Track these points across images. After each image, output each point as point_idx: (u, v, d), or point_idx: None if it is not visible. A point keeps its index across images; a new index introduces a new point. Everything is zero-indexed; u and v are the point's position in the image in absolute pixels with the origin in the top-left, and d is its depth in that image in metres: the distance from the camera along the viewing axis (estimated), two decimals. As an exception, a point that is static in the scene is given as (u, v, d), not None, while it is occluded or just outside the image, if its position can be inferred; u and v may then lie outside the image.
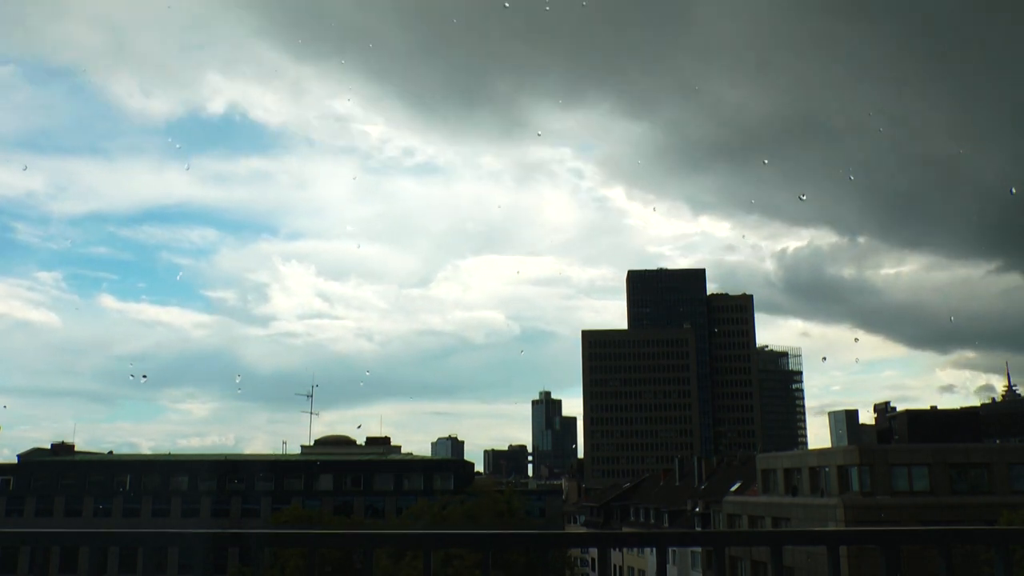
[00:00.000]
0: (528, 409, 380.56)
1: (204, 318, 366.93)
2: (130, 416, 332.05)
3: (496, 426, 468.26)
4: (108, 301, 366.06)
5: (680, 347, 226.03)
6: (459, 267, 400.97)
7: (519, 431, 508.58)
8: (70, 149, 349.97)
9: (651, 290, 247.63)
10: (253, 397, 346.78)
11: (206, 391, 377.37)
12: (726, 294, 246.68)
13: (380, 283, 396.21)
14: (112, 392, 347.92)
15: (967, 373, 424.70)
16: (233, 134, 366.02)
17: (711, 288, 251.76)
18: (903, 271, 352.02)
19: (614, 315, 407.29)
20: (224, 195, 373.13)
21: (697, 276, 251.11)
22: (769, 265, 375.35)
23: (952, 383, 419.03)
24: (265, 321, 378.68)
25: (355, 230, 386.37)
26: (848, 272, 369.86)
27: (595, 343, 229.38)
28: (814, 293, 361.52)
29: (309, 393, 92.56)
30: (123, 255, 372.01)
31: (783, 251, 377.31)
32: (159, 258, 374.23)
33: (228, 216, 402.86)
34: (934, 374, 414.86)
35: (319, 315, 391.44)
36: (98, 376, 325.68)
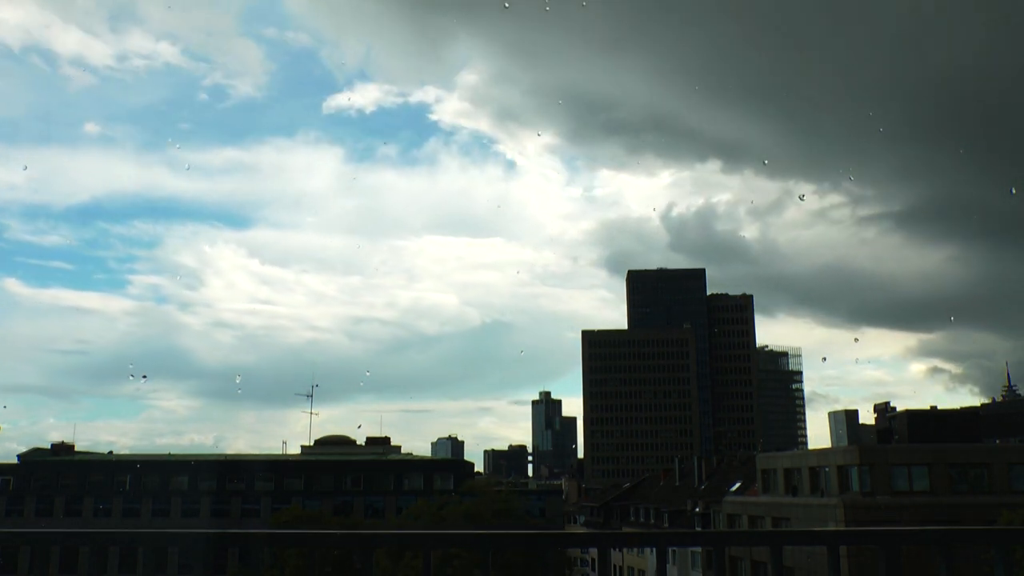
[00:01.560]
0: (500, 404, 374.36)
1: (131, 305, 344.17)
2: (91, 414, 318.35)
3: (467, 424, 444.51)
4: (13, 285, 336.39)
5: (680, 347, 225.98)
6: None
7: (501, 428, 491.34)
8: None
9: (651, 290, 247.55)
10: (207, 392, 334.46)
11: (162, 385, 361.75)
12: (726, 294, 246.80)
13: (325, 272, 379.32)
14: (66, 387, 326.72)
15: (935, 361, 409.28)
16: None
17: (600, 254, 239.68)
18: (818, 230, 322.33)
19: (581, 304, 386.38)
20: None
21: (697, 276, 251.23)
22: (657, 222, 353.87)
23: (929, 368, 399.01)
24: (204, 311, 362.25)
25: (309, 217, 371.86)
26: (751, 233, 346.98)
27: (595, 343, 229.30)
28: (715, 254, 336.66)
29: (309, 393, 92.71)
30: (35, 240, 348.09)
31: (670, 207, 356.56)
32: (83, 244, 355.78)
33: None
34: (907, 366, 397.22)
35: (258, 303, 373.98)
36: (46, 371, 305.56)
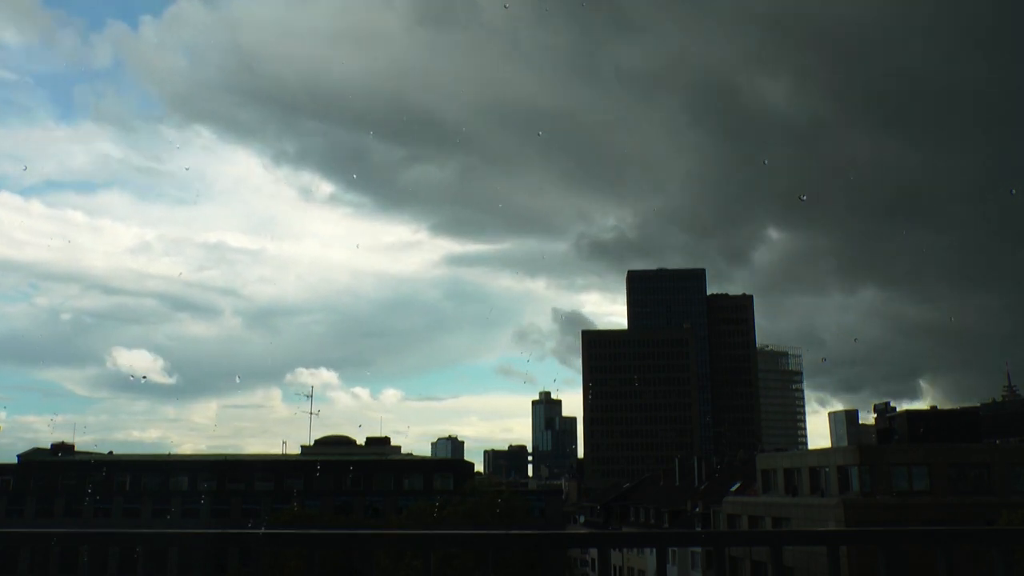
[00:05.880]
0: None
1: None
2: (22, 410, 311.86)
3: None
4: None
5: (680, 347, 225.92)
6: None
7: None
8: None
9: (651, 290, 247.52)
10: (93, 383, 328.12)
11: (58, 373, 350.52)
12: (726, 294, 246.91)
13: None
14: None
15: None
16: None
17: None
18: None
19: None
20: None
21: (697, 276, 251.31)
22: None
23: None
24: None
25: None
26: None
27: (595, 343, 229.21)
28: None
29: (308, 393, 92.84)
30: None
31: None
32: None
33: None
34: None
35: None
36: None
